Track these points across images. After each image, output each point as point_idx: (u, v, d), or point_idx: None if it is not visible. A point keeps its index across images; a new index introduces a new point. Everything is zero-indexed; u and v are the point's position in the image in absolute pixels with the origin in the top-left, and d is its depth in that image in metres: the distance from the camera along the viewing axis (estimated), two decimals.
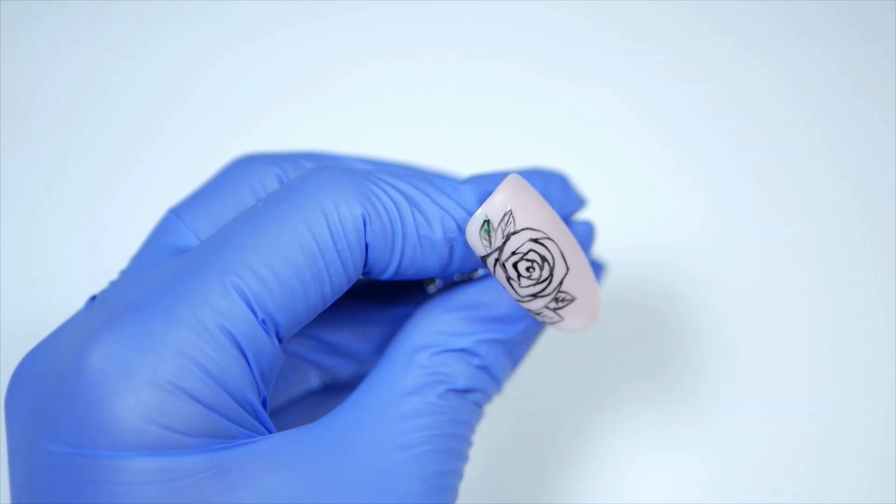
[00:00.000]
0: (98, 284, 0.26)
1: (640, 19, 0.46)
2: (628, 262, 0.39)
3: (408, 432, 0.23)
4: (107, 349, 0.21)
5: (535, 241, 0.23)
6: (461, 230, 0.24)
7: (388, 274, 0.24)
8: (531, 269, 0.24)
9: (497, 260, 0.24)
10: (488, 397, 0.25)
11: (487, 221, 0.23)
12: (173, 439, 0.21)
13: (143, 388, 0.21)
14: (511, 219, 0.23)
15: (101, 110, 0.43)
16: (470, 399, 0.24)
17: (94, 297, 0.24)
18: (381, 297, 0.29)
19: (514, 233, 0.23)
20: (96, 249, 0.40)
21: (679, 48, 0.45)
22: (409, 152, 0.37)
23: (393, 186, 0.24)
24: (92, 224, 0.41)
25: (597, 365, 0.38)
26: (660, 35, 0.45)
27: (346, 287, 0.24)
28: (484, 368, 0.25)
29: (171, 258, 0.24)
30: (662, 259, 0.40)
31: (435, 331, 0.25)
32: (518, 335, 0.25)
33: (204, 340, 0.21)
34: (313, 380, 0.28)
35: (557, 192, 0.27)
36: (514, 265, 0.24)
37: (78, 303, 0.26)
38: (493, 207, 0.23)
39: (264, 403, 0.23)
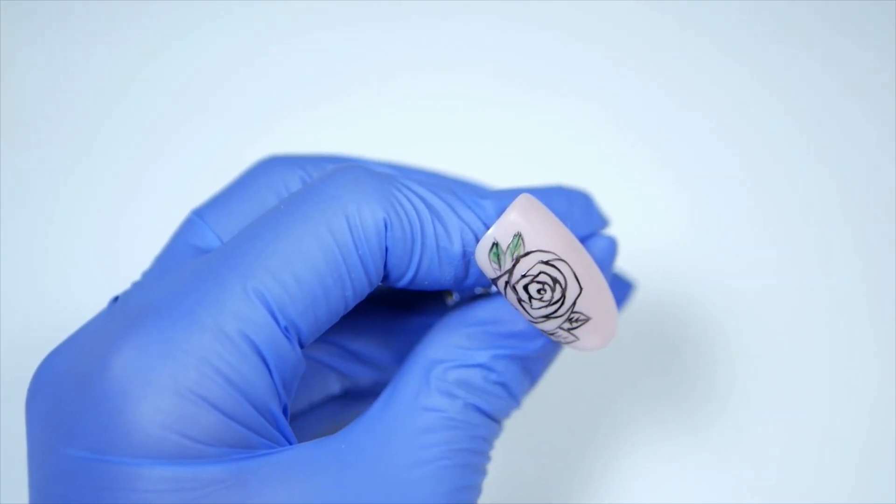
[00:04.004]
0: (112, 286, 0.26)
1: (628, 28, 0.46)
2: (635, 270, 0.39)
3: (426, 447, 0.23)
4: (128, 355, 0.21)
5: (546, 262, 0.23)
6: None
7: (403, 282, 0.24)
8: (542, 292, 0.23)
9: (507, 283, 0.23)
10: (506, 413, 0.25)
11: (496, 244, 0.23)
12: (192, 448, 0.21)
13: (164, 395, 0.20)
14: (520, 241, 0.23)
15: (118, 112, 0.43)
16: (488, 414, 0.24)
17: (116, 298, 0.24)
18: (403, 306, 0.29)
19: (524, 255, 0.23)
20: (110, 252, 0.40)
21: (666, 56, 0.45)
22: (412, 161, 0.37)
23: (416, 194, 0.23)
24: (106, 226, 0.40)
25: (602, 373, 0.38)
26: (647, 45, 0.45)
27: (367, 291, 0.23)
28: (501, 384, 0.24)
29: (193, 260, 0.24)
30: (659, 264, 0.40)
31: (452, 345, 0.24)
32: (535, 352, 0.25)
33: (225, 348, 0.21)
34: (334, 386, 0.28)
35: (579, 212, 0.26)
36: (525, 287, 0.23)
37: (91, 304, 0.26)
38: (502, 230, 0.23)
39: (285, 410, 0.22)
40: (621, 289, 0.30)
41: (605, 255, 0.26)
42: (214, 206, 0.26)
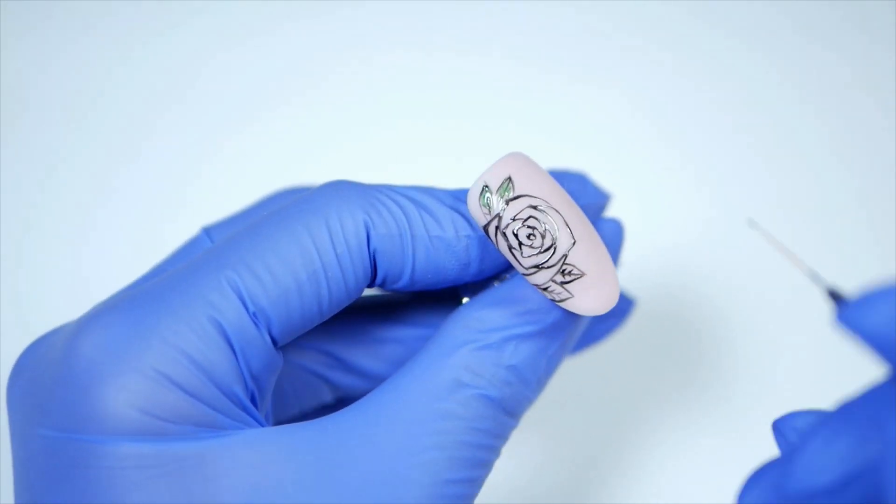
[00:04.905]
0: (111, 286, 0.27)
1: (647, 19, 0.46)
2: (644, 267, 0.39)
3: (416, 436, 0.22)
4: (95, 336, 0.22)
5: (535, 207, 0.23)
6: (473, 229, 0.24)
7: (404, 280, 0.24)
8: (532, 237, 0.23)
9: (497, 227, 0.23)
10: (517, 402, 0.24)
11: (486, 187, 0.23)
12: (157, 426, 0.21)
13: (128, 374, 0.21)
14: (510, 185, 0.23)
15: (117, 112, 0.44)
16: (497, 406, 0.23)
17: None
18: (397, 317, 0.29)
19: (513, 199, 0.23)
20: (110, 252, 0.41)
21: (685, 48, 0.45)
22: (408, 149, 0.38)
23: (399, 192, 0.24)
24: (106, 226, 0.41)
25: (606, 372, 0.37)
26: (665, 35, 0.46)
27: (345, 295, 0.24)
28: (512, 368, 0.24)
29: None
30: (673, 260, 0.40)
31: (463, 326, 0.24)
32: (547, 328, 0.24)
33: (191, 329, 0.22)
34: (326, 395, 0.28)
35: (574, 185, 0.27)
36: (515, 233, 0.23)
37: (89, 305, 0.27)
38: (492, 173, 0.23)
39: (253, 399, 0.23)
40: (622, 304, 0.30)
41: (613, 237, 0.26)
42: (224, 227, 0.27)
